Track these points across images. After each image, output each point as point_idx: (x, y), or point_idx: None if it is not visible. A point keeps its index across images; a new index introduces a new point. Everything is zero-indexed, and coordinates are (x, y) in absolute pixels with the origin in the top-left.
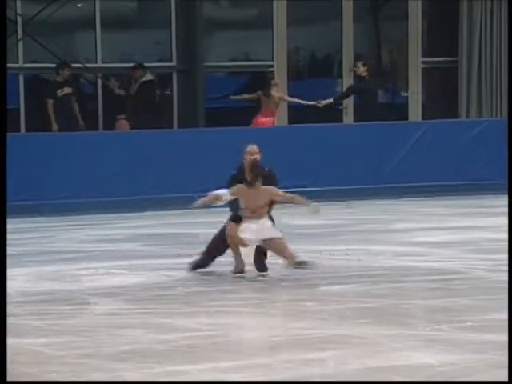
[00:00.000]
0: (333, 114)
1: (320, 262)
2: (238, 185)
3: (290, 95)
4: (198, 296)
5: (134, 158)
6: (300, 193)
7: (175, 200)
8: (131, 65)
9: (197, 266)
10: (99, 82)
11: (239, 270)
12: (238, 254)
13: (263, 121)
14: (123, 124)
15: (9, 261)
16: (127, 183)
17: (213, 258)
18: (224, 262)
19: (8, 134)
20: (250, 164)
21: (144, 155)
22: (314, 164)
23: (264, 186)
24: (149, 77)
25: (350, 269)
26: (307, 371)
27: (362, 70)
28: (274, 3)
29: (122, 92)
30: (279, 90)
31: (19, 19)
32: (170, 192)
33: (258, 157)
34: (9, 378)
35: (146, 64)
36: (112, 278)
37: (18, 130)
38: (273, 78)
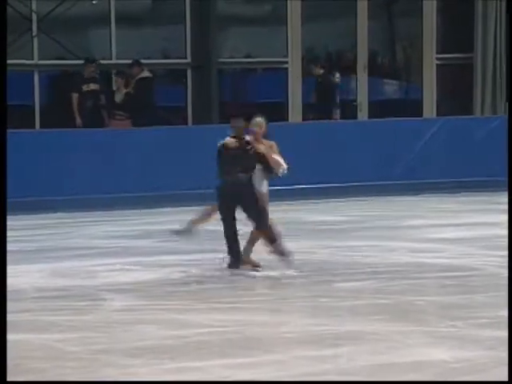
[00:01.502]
0: (347, 110)
1: (335, 259)
2: None
3: (303, 92)
4: (211, 292)
5: (149, 154)
6: (314, 189)
7: (190, 196)
8: (144, 62)
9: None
10: (114, 78)
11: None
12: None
13: None
14: (120, 124)
15: (24, 257)
16: (142, 179)
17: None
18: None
19: (23, 130)
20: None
21: (159, 151)
22: (328, 160)
23: None
24: (145, 73)
25: (365, 265)
26: (320, 367)
27: (316, 71)
28: None
29: (123, 90)
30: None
31: (34, 16)
32: (185, 188)
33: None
34: (23, 374)
35: (160, 61)
36: (126, 274)
37: (33, 127)
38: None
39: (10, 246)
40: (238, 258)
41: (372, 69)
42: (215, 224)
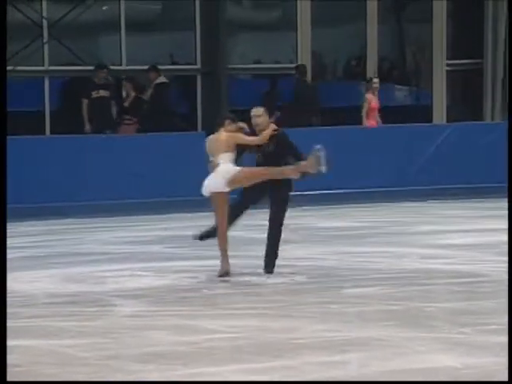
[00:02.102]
0: (357, 116)
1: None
2: None
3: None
4: (222, 298)
5: (160, 160)
6: (324, 195)
7: (200, 202)
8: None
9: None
10: (123, 83)
11: (224, 272)
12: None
13: None
14: (128, 128)
15: (35, 262)
16: (153, 185)
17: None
18: (249, 264)
19: (34, 136)
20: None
21: (170, 157)
22: (339, 166)
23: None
24: (162, 79)
25: (374, 271)
26: (330, 373)
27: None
28: (298, 4)
29: (132, 94)
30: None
31: (45, 22)
32: (196, 194)
33: (258, 120)
34: (33, 379)
35: (170, 67)
36: (137, 279)
37: (44, 133)
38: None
39: (21, 252)
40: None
41: (382, 74)
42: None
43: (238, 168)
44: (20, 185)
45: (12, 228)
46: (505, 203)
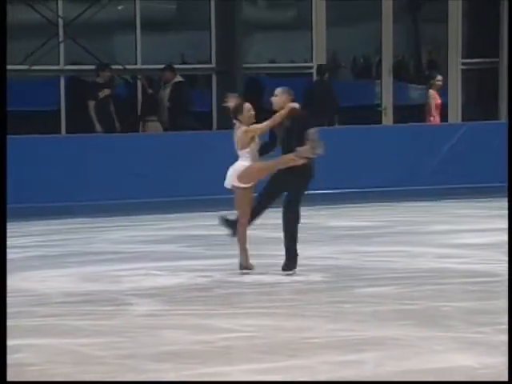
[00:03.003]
0: (372, 115)
1: (360, 264)
2: None
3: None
4: (237, 297)
5: (173, 159)
6: (337, 195)
7: (215, 201)
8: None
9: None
10: (139, 83)
11: (244, 266)
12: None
13: None
14: (154, 126)
15: (49, 262)
16: (166, 184)
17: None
18: (263, 263)
19: (48, 135)
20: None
21: (183, 156)
22: (353, 165)
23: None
24: (179, 78)
25: (388, 271)
26: (345, 373)
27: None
28: (313, 4)
29: (150, 91)
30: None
31: (60, 22)
32: (210, 193)
33: (273, 99)
34: (47, 378)
35: (185, 66)
36: (151, 279)
37: (59, 132)
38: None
39: (34, 251)
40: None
41: (397, 73)
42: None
43: (246, 164)
44: (30, 184)
45: (25, 227)
46: None
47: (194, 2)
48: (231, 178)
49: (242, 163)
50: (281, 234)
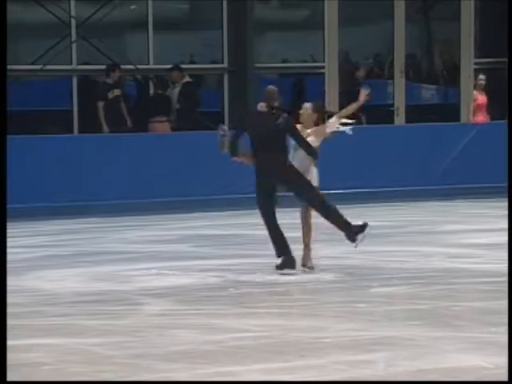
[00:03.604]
0: (384, 115)
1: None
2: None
3: (340, 96)
4: (248, 297)
5: (185, 159)
6: (350, 195)
7: (225, 201)
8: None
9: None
10: (151, 83)
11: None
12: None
13: None
14: (162, 126)
15: (61, 261)
16: (177, 184)
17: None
18: (274, 263)
19: (61, 135)
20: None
21: (194, 156)
22: (366, 165)
23: None
24: (187, 78)
25: (400, 270)
26: (358, 372)
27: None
28: (325, 4)
29: (158, 91)
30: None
31: (73, 21)
32: (220, 193)
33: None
34: (59, 378)
35: (197, 66)
36: (163, 278)
37: (72, 131)
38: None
39: (46, 251)
40: (286, 254)
41: (409, 73)
42: (250, 228)
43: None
44: (44, 183)
45: (38, 227)
46: None
47: (207, 2)
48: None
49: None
50: (292, 234)
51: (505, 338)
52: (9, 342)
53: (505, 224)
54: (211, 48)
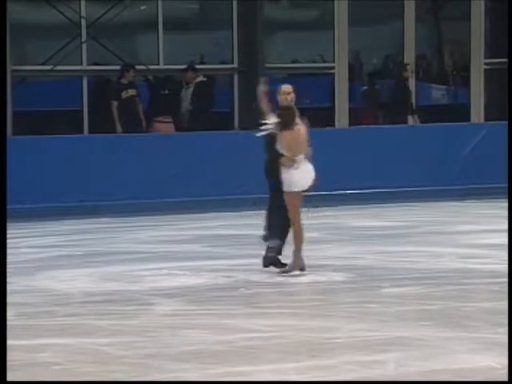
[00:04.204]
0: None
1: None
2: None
3: (350, 96)
4: (259, 297)
5: (196, 159)
6: (361, 195)
7: (237, 201)
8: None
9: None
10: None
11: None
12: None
13: None
14: (165, 127)
15: (72, 261)
16: (189, 184)
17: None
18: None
19: (71, 135)
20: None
21: (205, 156)
22: (377, 166)
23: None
24: (201, 78)
25: (412, 271)
26: (369, 373)
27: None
28: (335, 4)
29: (165, 92)
30: None
31: (83, 22)
32: (233, 193)
33: (292, 96)
34: (70, 377)
35: (208, 66)
36: (173, 278)
37: (82, 132)
38: None
39: (58, 251)
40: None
41: (419, 73)
42: (262, 229)
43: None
44: (55, 183)
45: (49, 227)
46: None
47: (217, 2)
48: (309, 181)
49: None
50: (310, 234)
51: None
52: (19, 342)
53: None
54: (221, 48)
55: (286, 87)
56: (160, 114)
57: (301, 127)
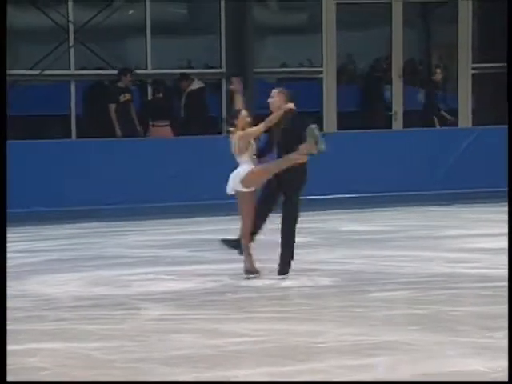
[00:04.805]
0: (382, 120)
1: (371, 268)
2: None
3: (338, 101)
4: (247, 302)
5: (184, 164)
6: (349, 199)
7: (226, 206)
8: (179, 71)
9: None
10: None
11: (251, 271)
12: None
13: None
14: (163, 130)
15: (61, 266)
16: (178, 189)
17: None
18: (273, 268)
19: (60, 140)
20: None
21: (194, 161)
22: (365, 170)
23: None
24: (196, 85)
25: (400, 275)
26: (358, 377)
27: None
28: (324, 8)
29: (159, 95)
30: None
31: (71, 26)
32: (221, 198)
33: (270, 100)
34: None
35: (196, 71)
36: (161, 283)
37: (70, 136)
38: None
39: (47, 256)
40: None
41: (407, 78)
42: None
43: (249, 168)
44: (46, 188)
45: (38, 231)
46: None
47: (205, 6)
48: (233, 184)
49: (244, 168)
50: (297, 239)
51: (504, 342)
52: (8, 347)
53: (506, 229)
54: (210, 53)
55: (273, 91)
56: (154, 118)
57: (238, 132)
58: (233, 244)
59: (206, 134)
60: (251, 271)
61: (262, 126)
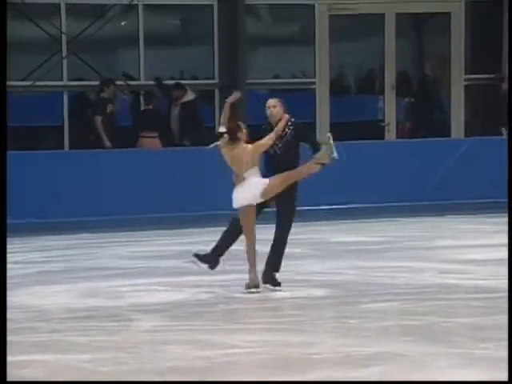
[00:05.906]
0: (374, 130)
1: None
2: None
3: (331, 112)
4: (239, 313)
5: (177, 175)
6: (342, 210)
7: (217, 217)
8: (172, 82)
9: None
10: (141, 99)
11: (254, 284)
12: (253, 267)
13: None
14: (153, 142)
15: (52, 277)
16: (170, 200)
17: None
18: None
19: (52, 151)
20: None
21: (186, 172)
22: (356, 181)
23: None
24: (189, 96)
25: (393, 286)
26: None
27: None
28: (317, 19)
29: (149, 107)
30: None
31: (64, 37)
32: (212, 209)
33: (273, 110)
34: None
35: (189, 81)
36: (154, 294)
37: (62, 147)
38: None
39: (39, 267)
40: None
41: (400, 89)
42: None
43: (266, 180)
44: (37, 199)
45: (29, 243)
46: None
47: (198, 17)
48: (252, 196)
49: (255, 180)
50: (289, 250)
51: (497, 354)
52: None
53: (498, 239)
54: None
55: (269, 101)
56: (144, 129)
57: (245, 145)
58: (204, 259)
59: (201, 145)
60: (256, 285)
61: (272, 137)
